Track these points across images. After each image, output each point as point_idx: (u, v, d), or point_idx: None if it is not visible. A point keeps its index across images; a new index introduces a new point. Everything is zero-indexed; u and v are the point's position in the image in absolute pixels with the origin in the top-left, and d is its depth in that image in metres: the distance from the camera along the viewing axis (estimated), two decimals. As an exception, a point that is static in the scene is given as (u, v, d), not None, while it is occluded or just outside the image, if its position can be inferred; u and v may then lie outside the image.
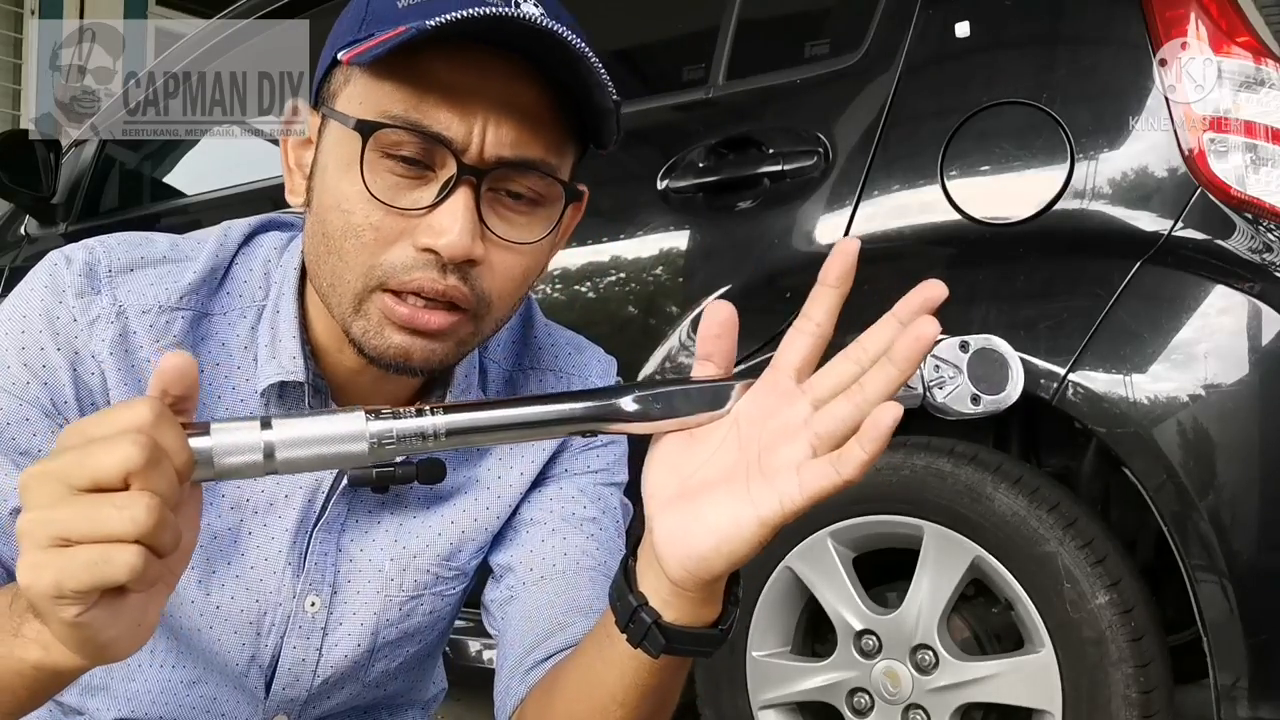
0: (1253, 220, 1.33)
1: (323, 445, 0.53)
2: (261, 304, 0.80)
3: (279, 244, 0.83)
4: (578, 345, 0.94)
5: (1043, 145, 1.45)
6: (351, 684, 0.88)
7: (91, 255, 0.76)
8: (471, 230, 0.67)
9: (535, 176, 0.70)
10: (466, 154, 0.68)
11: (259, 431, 0.52)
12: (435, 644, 0.95)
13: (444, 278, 0.68)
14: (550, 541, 0.86)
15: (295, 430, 0.53)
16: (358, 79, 0.70)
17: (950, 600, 1.50)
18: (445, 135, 0.67)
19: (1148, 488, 1.33)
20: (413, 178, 0.69)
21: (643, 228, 1.74)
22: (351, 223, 0.69)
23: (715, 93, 1.78)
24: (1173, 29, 1.39)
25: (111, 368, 0.74)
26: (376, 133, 0.67)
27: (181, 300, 0.77)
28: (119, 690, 0.84)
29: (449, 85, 0.67)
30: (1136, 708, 1.38)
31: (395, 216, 0.68)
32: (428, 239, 0.67)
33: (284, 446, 0.53)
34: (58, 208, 2.76)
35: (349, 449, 0.54)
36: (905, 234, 1.54)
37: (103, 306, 0.74)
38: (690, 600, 0.61)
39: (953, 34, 1.56)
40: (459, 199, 0.67)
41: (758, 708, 1.64)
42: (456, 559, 0.88)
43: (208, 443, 0.51)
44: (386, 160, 0.68)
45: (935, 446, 1.51)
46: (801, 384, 0.58)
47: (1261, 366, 1.29)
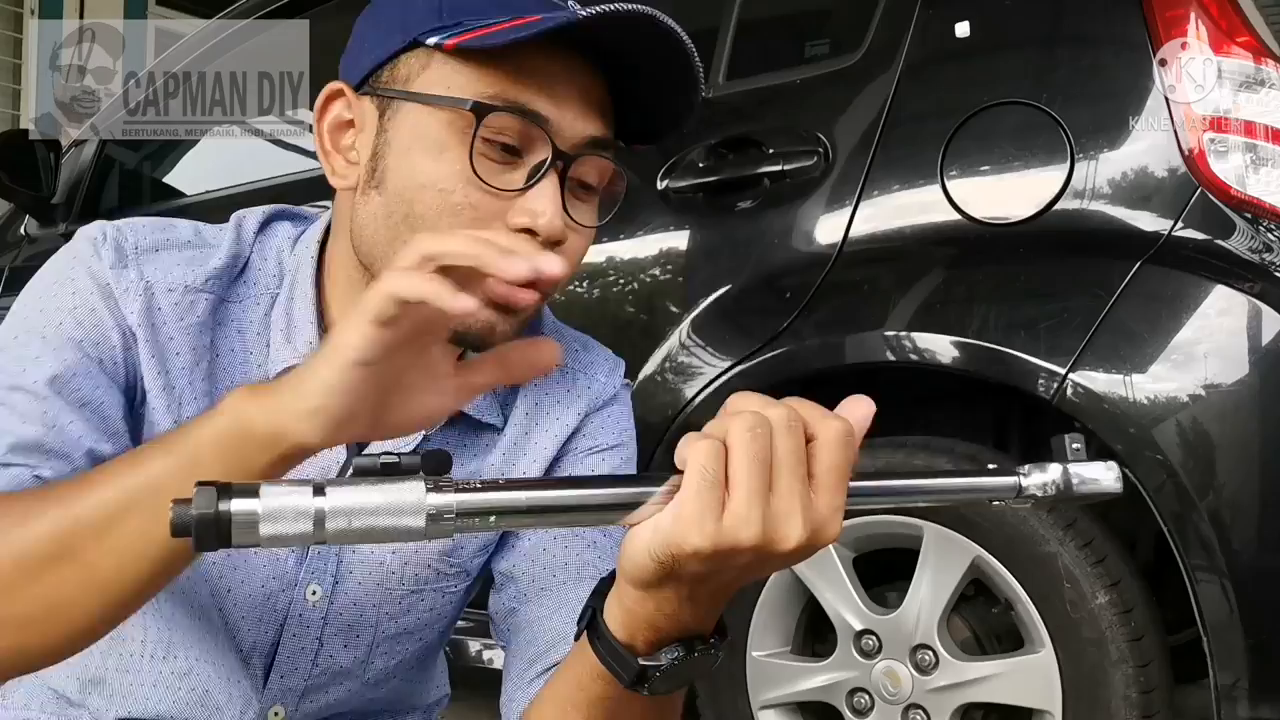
0: (1253, 220, 1.33)
1: (379, 516, 0.51)
2: (275, 292, 0.81)
3: (291, 234, 0.84)
4: (586, 344, 0.94)
5: (1043, 145, 1.45)
6: (349, 680, 0.88)
7: (119, 233, 0.78)
8: (561, 211, 0.72)
9: (607, 166, 0.76)
10: (559, 139, 0.72)
11: (311, 498, 0.50)
12: (436, 643, 0.95)
13: None
14: (552, 550, 0.86)
15: (350, 497, 0.50)
16: (442, 64, 0.72)
17: (950, 600, 1.50)
18: (544, 116, 0.71)
19: (1148, 488, 1.33)
20: (504, 163, 0.72)
21: (643, 228, 1.74)
22: (451, 202, 0.71)
23: (715, 93, 1.78)
24: (1173, 29, 1.39)
25: (142, 337, 0.76)
26: (489, 115, 0.70)
27: (206, 283, 0.79)
28: (115, 684, 0.84)
29: (545, 74, 0.71)
30: (1136, 708, 1.38)
31: (492, 197, 0.71)
32: (524, 219, 0.71)
33: (336, 515, 0.50)
34: (58, 208, 2.75)
35: (407, 523, 0.51)
36: (905, 234, 1.54)
37: (131, 279, 0.76)
38: (640, 605, 0.60)
39: (953, 34, 1.56)
40: (551, 182, 0.71)
41: (758, 708, 1.64)
42: (458, 555, 0.88)
43: (253, 505, 0.49)
44: (484, 144, 0.71)
45: (935, 446, 1.51)
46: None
47: (1261, 366, 1.29)
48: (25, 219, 2.85)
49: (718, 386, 1.61)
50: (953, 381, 1.49)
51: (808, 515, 0.54)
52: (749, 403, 0.56)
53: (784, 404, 0.55)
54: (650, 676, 0.62)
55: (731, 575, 0.57)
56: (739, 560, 0.55)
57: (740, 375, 1.58)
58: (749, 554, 0.54)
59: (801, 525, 0.54)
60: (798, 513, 0.54)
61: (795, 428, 0.54)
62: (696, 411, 1.64)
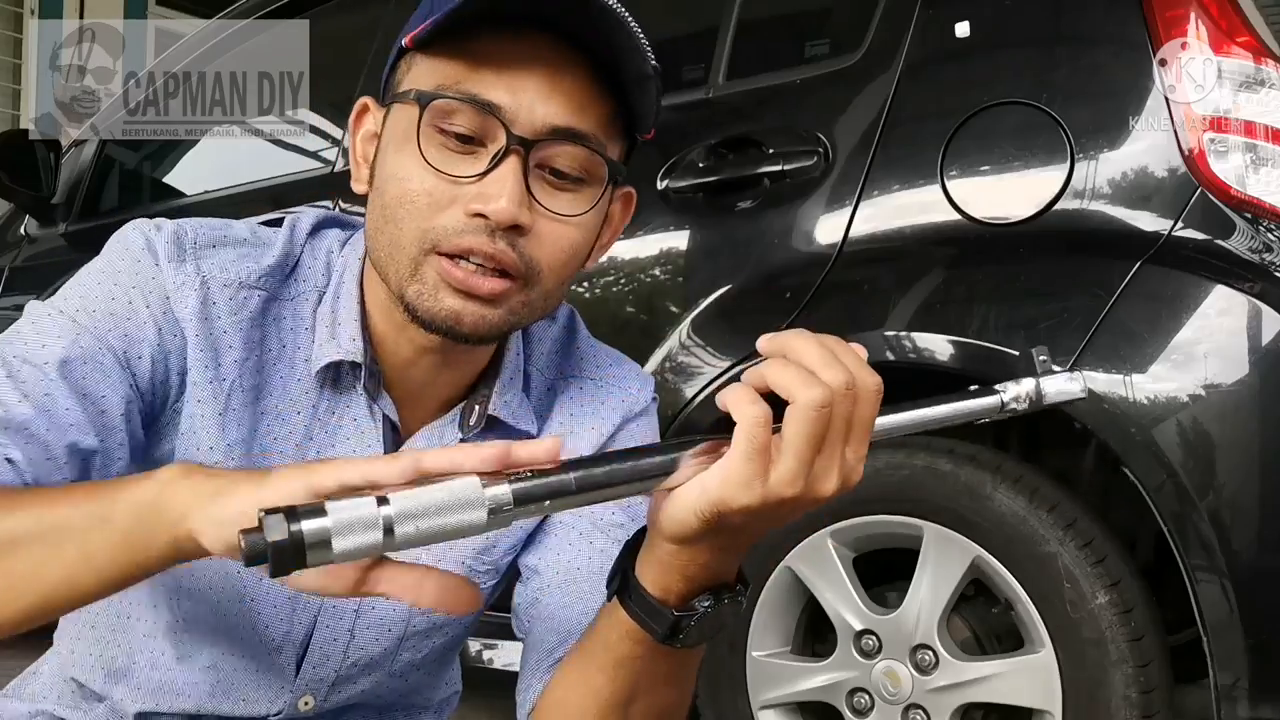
0: (1253, 220, 1.33)
1: (444, 515, 0.52)
2: (323, 289, 0.83)
3: (340, 238, 0.87)
4: (618, 359, 0.96)
5: (1043, 145, 1.45)
6: (377, 671, 0.90)
7: (179, 228, 0.80)
8: (519, 198, 0.71)
9: (581, 151, 0.74)
10: (515, 125, 0.71)
11: (375, 507, 0.51)
12: (460, 637, 0.97)
13: (493, 242, 0.72)
14: (578, 545, 0.87)
15: (413, 501, 0.51)
16: (418, 63, 0.75)
17: (950, 600, 1.50)
18: (495, 103, 0.71)
19: (1148, 488, 1.33)
20: (465, 152, 0.73)
21: (643, 228, 1.74)
22: (407, 189, 0.73)
23: (715, 93, 1.78)
24: (1173, 29, 1.38)
25: (192, 333, 0.77)
26: (432, 103, 0.72)
27: (259, 280, 0.81)
28: (143, 677, 0.86)
29: (500, 61, 0.71)
30: (1136, 708, 1.38)
31: (448, 183, 0.72)
32: (478, 204, 0.71)
33: (403, 519, 0.51)
34: (58, 208, 2.76)
35: (470, 518, 0.52)
36: (905, 234, 1.54)
37: (188, 274, 0.78)
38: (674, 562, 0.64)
39: (953, 34, 1.56)
40: (508, 167, 0.71)
41: (758, 708, 1.64)
42: (491, 553, 0.90)
43: (324, 523, 0.50)
44: (440, 135, 0.73)
45: (935, 446, 1.51)
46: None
47: (1261, 366, 1.29)
48: (25, 219, 2.86)
49: (718, 386, 1.61)
50: (953, 381, 1.49)
51: (842, 468, 0.59)
52: (811, 354, 0.59)
53: (840, 361, 0.59)
54: (684, 627, 0.65)
55: (767, 523, 0.61)
56: (780, 511, 0.59)
57: (740, 375, 1.58)
58: (789, 507, 0.59)
59: (837, 477, 0.59)
60: (836, 468, 0.59)
61: (850, 396, 0.58)
62: (696, 411, 1.64)
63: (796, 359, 0.59)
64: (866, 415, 0.59)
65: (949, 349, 1.46)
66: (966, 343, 1.44)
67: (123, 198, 2.81)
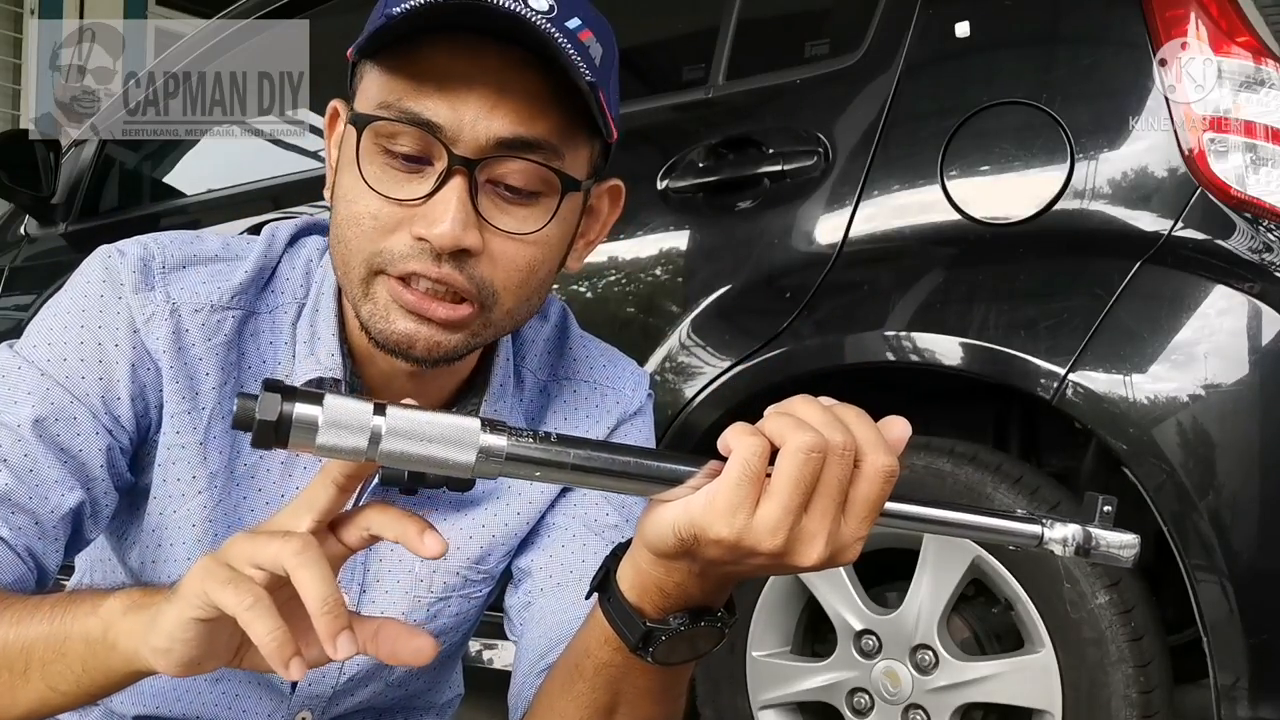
0: (1253, 220, 1.33)
1: (433, 444, 0.51)
2: (302, 301, 0.82)
3: (320, 246, 0.85)
4: (612, 357, 0.95)
5: (1043, 145, 1.45)
6: (374, 682, 0.89)
7: (145, 251, 0.77)
8: (463, 220, 0.68)
9: (530, 167, 0.71)
10: (459, 144, 0.69)
11: (371, 415, 0.50)
12: (458, 645, 0.96)
13: (439, 266, 0.70)
14: (570, 547, 0.87)
15: (409, 421, 0.51)
16: (369, 73, 0.73)
17: (950, 600, 1.50)
18: (435, 123, 0.68)
19: (1148, 488, 1.33)
20: (412, 172, 0.70)
21: (643, 228, 1.74)
22: (354, 211, 0.71)
23: (715, 93, 1.78)
24: (1173, 29, 1.38)
25: (166, 364, 0.76)
26: (371, 125, 0.69)
27: (232, 300, 0.79)
28: (145, 684, 0.85)
29: (444, 75, 0.68)
30: (1136, 708, 1.38)
31: (393, 206, 0.70)
32: (421, 228, 0.69)
33: (392, 436, 0.50)
34: (57, 208, 2.75)
35: (457, 457, 0.51)
36: (905, 234, 1.54)
37: (157, 303, 0.76)
38: (655, 572, 0.62)
39: (953, 34, 1.56)
40: (452, 189, 0.69)
41: (757, 708, 1.64)
42: (486, 563, 0.89)
43: (315, 411, 0.49)
44: (384, 155, 0.70)
45: (935, 446, 1.51)
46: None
47: (1261, 366, 1.29)
48: (25, 219, 2.85)
49: (718, 386, 1.61)
50: (952, 381, 1.49)
51: (833, 539, 0.56)
52: (812, 413, 0.56)
53: (844, 425, 0.56)
54: (655, 640, 0.63)
55: (744, 569, 0.58)
56: (755, 560, 0.56)
57: (740, 375, 1.58)
58: (766, 559, 0.56)
59: (824, 547, 0.56)
60: (824, 536, 0.55)
61: (848, 458, 0.55)
62: (696, 411, 1.64)
63: (797, 416, 0.57)
64: (869, 493, 0.56)
65: (949, 349, 1.46)
66: (966, 343, 1.44)
67: (123, 198, 2.81)
